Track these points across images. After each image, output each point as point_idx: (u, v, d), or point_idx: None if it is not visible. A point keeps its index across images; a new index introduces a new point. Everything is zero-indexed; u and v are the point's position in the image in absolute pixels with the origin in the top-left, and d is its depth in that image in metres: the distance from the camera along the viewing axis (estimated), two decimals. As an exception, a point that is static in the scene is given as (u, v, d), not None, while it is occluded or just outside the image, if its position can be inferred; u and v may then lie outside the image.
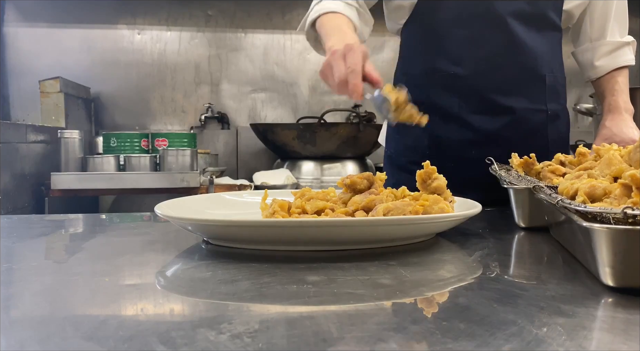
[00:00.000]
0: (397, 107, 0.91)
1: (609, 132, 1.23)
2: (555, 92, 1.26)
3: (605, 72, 1.29)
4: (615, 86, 1.27)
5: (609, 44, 1.29)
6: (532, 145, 1.19)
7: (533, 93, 1.23)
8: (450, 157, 1.21)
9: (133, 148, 2.54)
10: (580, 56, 1.34)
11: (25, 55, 2.99)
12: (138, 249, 0.80)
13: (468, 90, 1.20)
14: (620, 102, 1.25)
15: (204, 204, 0.93)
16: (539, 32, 1.21)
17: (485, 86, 1.20)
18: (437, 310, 0.50)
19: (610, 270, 0.52)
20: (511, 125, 1.21)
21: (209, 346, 0.40)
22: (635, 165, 0.67)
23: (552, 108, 1.25)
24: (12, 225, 1.01)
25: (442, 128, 1.22)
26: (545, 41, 1.22)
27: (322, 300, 0.52)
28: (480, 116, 1.21)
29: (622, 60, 1.28)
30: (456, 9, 1.19)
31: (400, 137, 1.31)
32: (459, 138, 1.22)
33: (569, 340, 0.41)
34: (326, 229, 0.69)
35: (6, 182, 2.06)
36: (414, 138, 1.27)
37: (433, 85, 1.22)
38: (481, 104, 1.20)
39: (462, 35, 1.19)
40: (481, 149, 1.19)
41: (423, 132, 1.23)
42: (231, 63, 3.13)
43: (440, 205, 0.77)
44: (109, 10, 3.04)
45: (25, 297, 0.54)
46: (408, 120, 0.92)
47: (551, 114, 1.25)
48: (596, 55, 1.30)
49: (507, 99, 1.20)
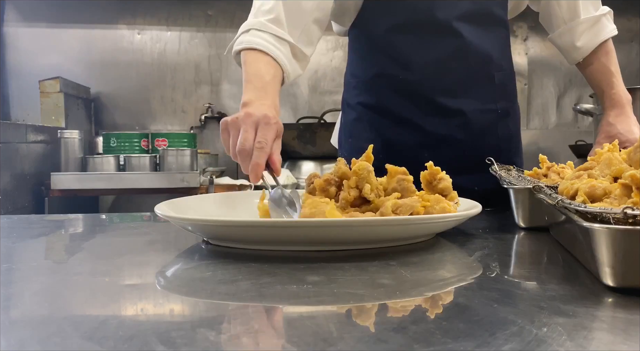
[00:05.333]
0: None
1: (614, 129, 1.21)
2: (505, 89, 1.25)
3: (590, 50, 1.25)
4: (612, 78, 1.24)
5: (586, 21, 1.24)
6: (484, 145, 1.19)
7: (483, 93, 1.22)
8: (402, 159, 1.19)
9: (133, 148, 2.54)
10: (558, 40, 1.30)
11: (25, 55, 2.99)
12: (138, 249, 0.80)
13: (418, 94, 1.19)
14: (621, 93, 1.23)
15: (204, 204, 0.93)
16: (486, 31, 1.19)
17: (434, 90, 1.19)
18: (437, 310, 0.50)
19: (610, 270, 0.52)
20: (462, 126, 1.20)
21: (209, 346, 0.40)
22: (635, 165, 0.67)
23: (502, 107, 1.24)
24: (12, 225, 1.01)
25: (393, 131, 1.22)
26: (493, 38, 1.21)
27: (322, 300, 0.52)
28: (431, 119, 1.20)
29: (603, 33, 1.25)
30: (400, 16, 1.17)
31: (353, 140, 1.28)
32: (411, 141, 1.21)
33: (569, 340, 0.41)
34: (326, 229, 0.69)
35: (6, 182, 2.06)
36: (367, 141, 1.25)
37: (383, 88, 1.21)
38: (432, 107, 1.19)
39: (408, 41, 1.18)
40: (433, 151, 1.19)
41: (376, 135, 1.23)
42: (231, 63, 3.12)
43: (442, 205, 0.77)
44: (109, 10, 3.04)
45: (25, 297, 0.54)
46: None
47: (501, 112, 1.24)
48: (575, 35, 1.25)
49: (457, 101, 1.20)
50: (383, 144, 1.22)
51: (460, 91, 1.20)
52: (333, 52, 3.24)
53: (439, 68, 1.18)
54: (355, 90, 1.27)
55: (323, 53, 3.23)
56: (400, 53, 1.19)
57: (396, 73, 1.19)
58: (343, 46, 3.24)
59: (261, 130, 0.85)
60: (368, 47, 1.23)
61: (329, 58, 3.24)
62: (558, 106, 3.30)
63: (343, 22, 1.27)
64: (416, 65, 1.18)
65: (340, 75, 3.27)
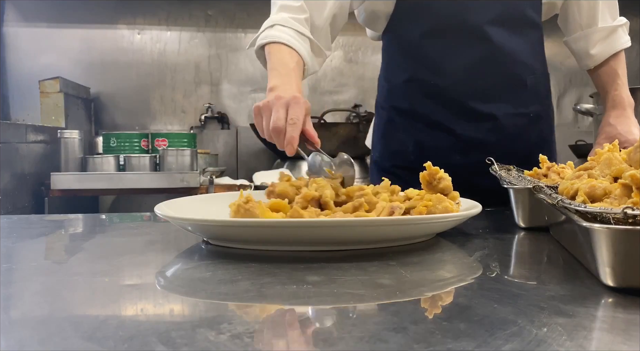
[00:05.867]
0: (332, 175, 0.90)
1: (614, 130, 1.21)
2: (537, 93, 1.25)
3: (603, 59, 1.26)
4: (617, 80, 1.25)
5: (602, 30, 1.26)
6: (515, 149, 1.19)
7: (515, 98, 1.22)
8: (434, 162, 1.20)
9: (133, 148, 2.54)
10: (573, 45, 1.31)
11: (25, 55, 2.99)
12: (138, 249, 0.80)
13: (449, 99, 1.20)
14: (624, 96, 1.24)
15: (204, 204, 0.93)
16: (518, 34, 1.20)
17: (466, 94, 1.19)
18: (437, 310, 0.50)
19: (610, 270, 0.52)
20: (493, 131, 1.21)
21: (209, 346, 0.40)
22: (635, 165, 0.67)
23: (534, 111, 1.24)
24: (12, 225, 1.01)
25: (425, 134, 1.23)
26: (525, 42, 1.21)
27: (322, 300, 0.52)
28: (462, 123, 1.21)
29: (618, 44, 1.26)
30: (431, 21, 1.18)
31: (385, 141, 1.31)
32: (443, 145, 1.22)
33: (569, 340, 0.40)
34: (326, 229, 0.69)
35: (6, 182, 2.06)
36: (399, 143, 1.27)
37: (415, 93, 1.23)
38: (463, 112, 1.20)
39: (439, 47, 1.19)
40: (464, 155, 1.21)
41: (408, 137, 1.25)
42: (231, 63, 3.13)
43: (444, 204, 0.77)
44: (108, 10, 3.04)
45: (25, 297, 0.54)
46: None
47: (533, 116, 1.24)
48: (590, 43, 1.27)
49: (488, 106, 1.20)
50: (415, 146, 1.24)
51: (491, 96, 1.20)
52: (333, 52, 3.24)
53: (470, 73, 1.19)
54: (388, 93, 1.29)
55: (323, 53, 3.23)
56: (431, 58, 1.20)
57: (427, 78, 1.21)
58: (343, 46, 3.24)
59: (292, 108, 0.90)
60: (400, 52, 1.25)
61: (329, 58, 3.23)
62: (558, 106, 3.29)
63: (375, 27, 1.29)
64: (447, 70, 1.19)
65: (340, 75, 3.27)
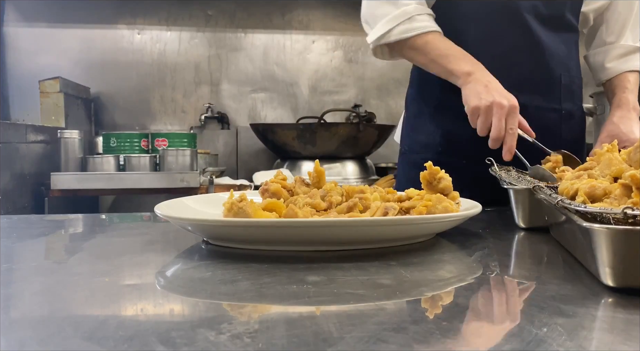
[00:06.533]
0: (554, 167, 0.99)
1: (616, 129, 1.21)
2: (571, 91, 1.26)
3: (615, 74, 1.28)
4: (627, 85, 1.26)
5: (622, 47, 1.29)
6: (545, 143, 1.19)
7: (548, 92, 1.23)
8: (462, 154, 1.20)
9: (133, 148, 2.54)
10: (592, 58, 1.34)
11: (25, 55, 2.99)
12: (138, 249, 0.80)
13: None
14: (630, 98, 1.25)
15: (204, 204, 0.93)
16: (556, 32, 1.21)
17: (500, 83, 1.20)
18: (437, 310, 0.50)
19: (610, 270, 0.52)
20: None
21: (209, 346, 0.40)
22: (635, 166, 0.67)
23: (566, 108, 1.25)
24: (12, 225, 1.01)
25: (454, 125, 1.22)
26: (562, 41, 1.23)
27: (322, 300, 0.52)
28: None
29: (632, 64, 1.28)
30: (475, 4, 1.20)
31: (414, 134, 1.32)
32: (471, 136, 1.21)
33: (569, 340, 0.41)
34: (326, 229, 0.69)
35: (6, 182, 2.06)
36: (427, 136, 1.28)
37: (447, 82, 1.20)
38: None
39: (480, 32, 1.20)
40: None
41: (436, 129, 1.26)
42: (231, 63, 3.13)
43: (444, 204, 0.77)
44: (108, 10, 3.04)
45: (25, 297, 0.54)
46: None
47: (565, 114, 1.25)
48: (607, 57, 1.30)
49: (520, 97, 1.18)
50: (443, 138, 1.25)
51: (524, 86, 1.20)
52: (333, 52, 3.24)
53: (506, 61, 1.19)
54: (419, 85, 1.31)
55: (323, 53, 3.23)
56: (468, 44, 1.19)
57: None
58: (343, 46, 3.24)
59: (510, 118, 1.03)
60: None
61: (329, 58, 3.24)
62: (558, 106, 3.29)
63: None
64: (483, 57, 1.17)
65: (340, 75, 3.27)
